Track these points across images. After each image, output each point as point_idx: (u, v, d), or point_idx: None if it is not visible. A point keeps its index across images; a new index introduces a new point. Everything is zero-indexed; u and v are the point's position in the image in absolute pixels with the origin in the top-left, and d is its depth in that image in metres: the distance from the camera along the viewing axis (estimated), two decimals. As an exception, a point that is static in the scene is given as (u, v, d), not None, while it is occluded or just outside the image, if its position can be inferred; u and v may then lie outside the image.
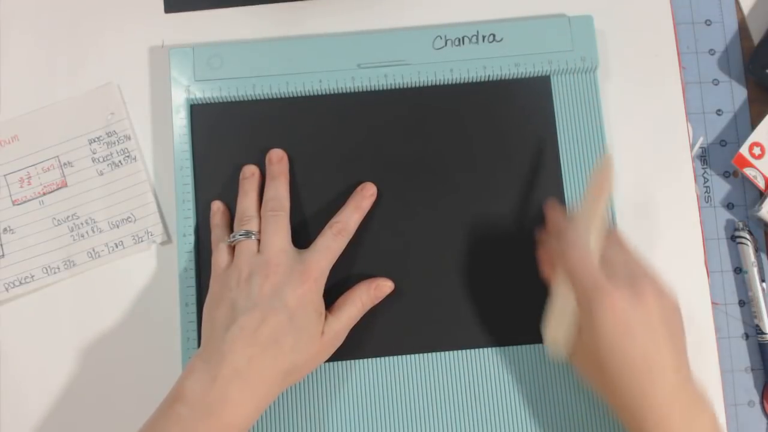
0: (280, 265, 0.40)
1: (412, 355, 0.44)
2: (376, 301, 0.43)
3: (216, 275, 0.42)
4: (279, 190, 0.44)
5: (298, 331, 0.39)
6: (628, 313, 0.35)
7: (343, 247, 0.43)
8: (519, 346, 0.44)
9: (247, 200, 0.44)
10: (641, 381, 0.35)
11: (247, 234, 0.42)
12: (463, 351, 0.44)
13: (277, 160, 0.45)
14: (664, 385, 0.35)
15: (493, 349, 0.44)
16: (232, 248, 0.43)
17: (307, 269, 0.40)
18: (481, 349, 0.44)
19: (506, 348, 0.44)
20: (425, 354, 0.44)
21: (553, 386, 0.43)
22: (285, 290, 0.39)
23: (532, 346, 0.44)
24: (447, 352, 0.44)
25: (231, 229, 0.44)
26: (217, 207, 0.45)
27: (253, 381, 0.37)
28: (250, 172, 0.45)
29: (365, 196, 0.44)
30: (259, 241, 0.42)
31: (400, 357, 0.44)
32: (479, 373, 0.44)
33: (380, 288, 0.43)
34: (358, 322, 0.43)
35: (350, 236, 0.43)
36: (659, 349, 0.35)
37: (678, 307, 0.37)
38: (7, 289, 0.45)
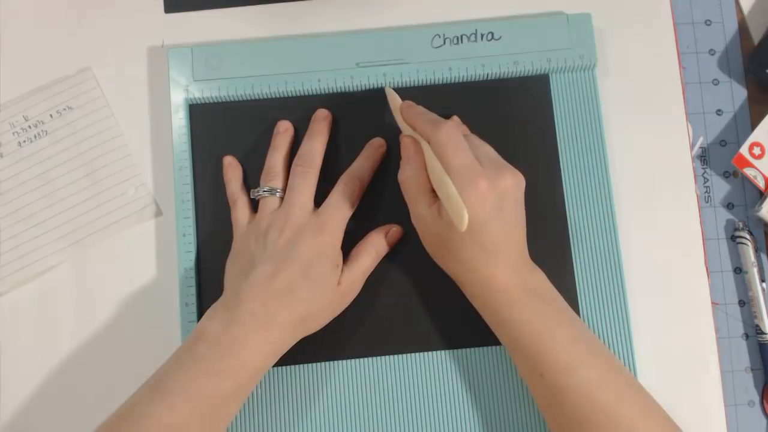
0: (298, 220, 0.41)
1: (407, 354, 0.44)
2: (389, 249, 0.44)
3: (238, 231, 0.44)
4: (314, 146, 0.44)
5: (313, 282, 0.40)
6: (491, 194, 0.38)
7: (359, 198, 0.44)
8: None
9: (275, 155, 0.45)
10: (489, 257, 0.39)
11: (271, 191, 0.43)
12: (462, 350, 0.44)
13: (322, 118, 0.45)
14: (509, 260, 0.39)
15: (491, 348, 0.44)
16: (253, 202, 0.44)
17: (322, 222, 0.41)
18: (477, 349, 0.44)
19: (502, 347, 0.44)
20: (422, 353, 0.44)
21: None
22: (300, 243, 0.40)
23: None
24: (444, 351, 0.44)
25: (245, 184, 0.46)
26: (228, 162, 0.46)
27: (268, 325, 0.39)
28: (284, 127, 0.46)
29: (375, 146, 0.45)
30: (282, 198, 0.43)
31: (395, 357, 0.44)
32: (473, 373, 0.44)
33: (393, 235, 0.44)
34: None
35: (364, 186, 0.44)
36: (510, 229, 0.39)
37: (523, 185, 0.40)
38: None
